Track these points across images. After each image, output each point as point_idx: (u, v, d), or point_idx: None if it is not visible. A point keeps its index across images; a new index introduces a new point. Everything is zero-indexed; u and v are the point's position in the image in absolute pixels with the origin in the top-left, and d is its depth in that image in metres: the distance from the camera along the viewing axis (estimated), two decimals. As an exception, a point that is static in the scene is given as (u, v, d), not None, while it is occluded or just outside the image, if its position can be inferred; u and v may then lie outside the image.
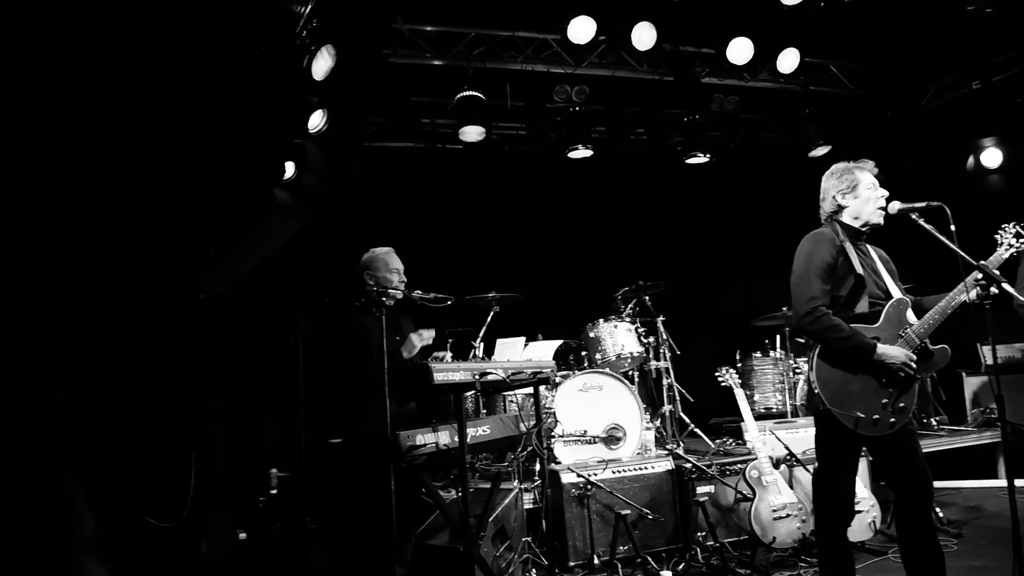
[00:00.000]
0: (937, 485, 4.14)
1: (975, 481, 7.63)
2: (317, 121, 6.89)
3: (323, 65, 6.23)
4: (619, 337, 7.31)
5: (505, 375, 4.54)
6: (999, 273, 3.89)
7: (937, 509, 6.11)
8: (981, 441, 7.67)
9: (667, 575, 5.54)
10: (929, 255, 4.51)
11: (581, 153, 8.84)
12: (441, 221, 9.11)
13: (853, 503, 4.13)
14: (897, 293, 4.13)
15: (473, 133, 8.21)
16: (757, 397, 8.23)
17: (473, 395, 6.61)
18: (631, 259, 9.13)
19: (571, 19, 7.16)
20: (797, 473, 5.96)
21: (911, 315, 4.09)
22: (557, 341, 7.28)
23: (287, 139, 6.91)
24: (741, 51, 7.70)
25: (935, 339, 4.07)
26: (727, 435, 7.83)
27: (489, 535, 4.97)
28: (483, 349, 7.17)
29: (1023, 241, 4.09)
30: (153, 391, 5.42)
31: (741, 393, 6.35)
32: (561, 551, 5.76)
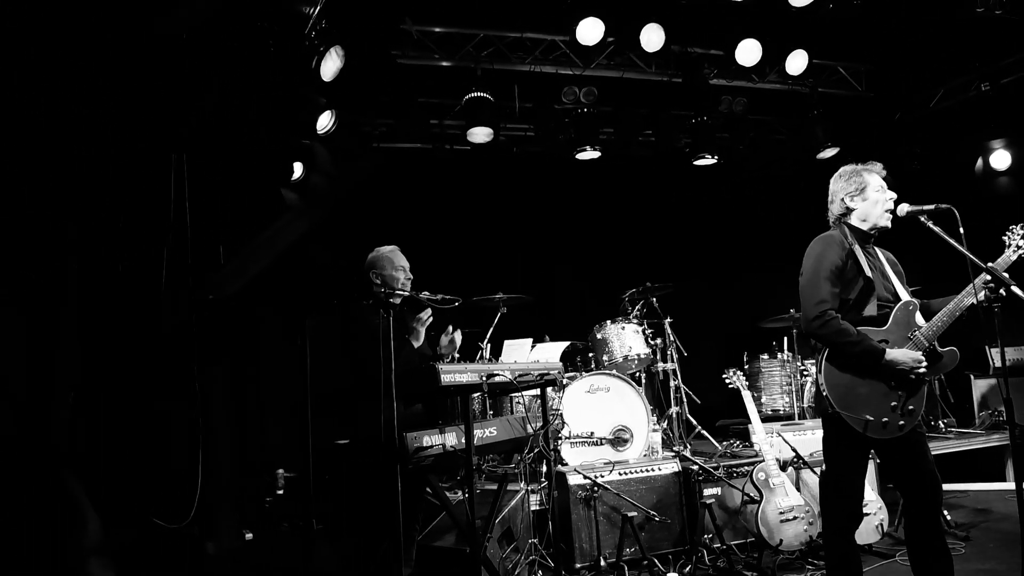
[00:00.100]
0: (945, 488, 4.12)
1: (983, 484, 7.61)
2: (325, 122, 6.91)
3: (332, 66, 6.24)
4: (626, 339, 7.31)
5: (512, 377, 4.54)
6: (1008, 275, 3.88)
7: (945, 512, 6.09)
8: (989, 443, 7.66)
9: (673, 577, 5.56)
10: (938, 257, 4.50)
11: (589, 154, 8.84)
12: (449, 222, 9.12)
13: (861, 506, 4.13)
14: (905, 296, 4.12)
15: (481, 134, 8.23)
16: (764, 399, 8.21)
17: (480, 397, 6.61)
18: (638, 261, 9.12)
19: (580, 20, 7.14)
20: (804, 475, 5.94)
21: (919, 318, 4.08)
22: (564, 343, 7.29)
23: (295, 140, 6.93)
24: (749, 52, 7.69)
25: (944, 341, 4.06)
26: (734, 437, 7.82)
27: (495, 536, 4.97)
28: (490, 350, 7.18)
29: None
30: (160, 392, 5.42)
31: (748, 395, 6.34)
32: (567, 553, 5.75)
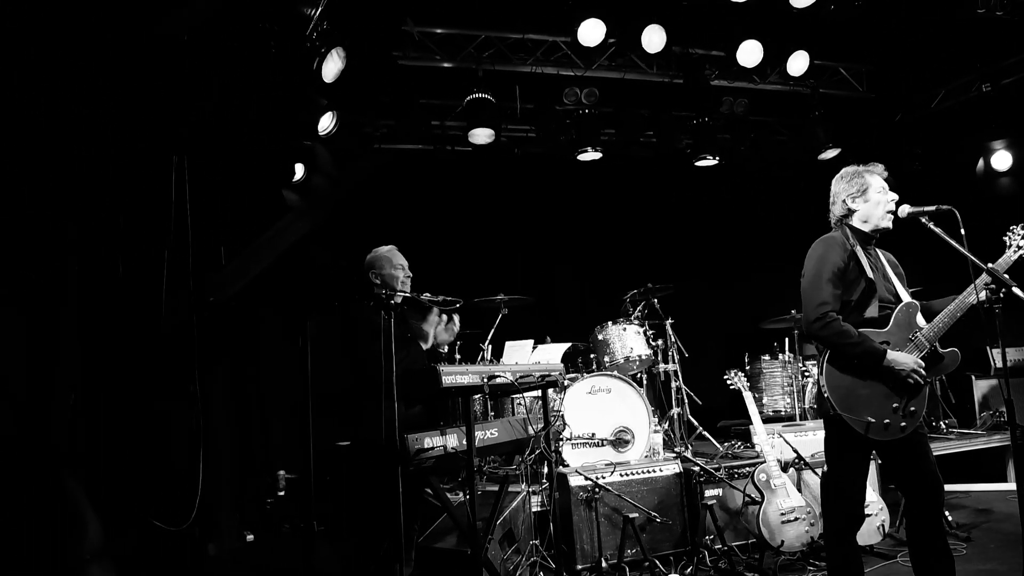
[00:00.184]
0: (947, 488, 4.11)
1: (985, 484, 7.61)
2: (327, 123, 6.92)
3: (333, 67, 6.24)
4: (627, 340, 7.31)
5: (513, 378, 4.53)
6: (1008, 276, 3.89)
7: (947, 512, 6.09)
8: (991, 444, 7.65)
9: (675, 578, 5.56)
10: (939, 258, 4.50)
11: (590, 155, 8.84)
12: (450, 223, 9.13)
13: (863, 507, 4.12)
14: (906, 297, 4.13)
15: (482, 135, 8.24)
16: (765, 400, 8.20)
17: (481, 398, 6.60)
18: (640, 261, 9.12)
19: (581, 22, 7.14)
20: (806, 476, 5.94)
21: (920, 319, 4.08)
22: (565, 344, 7.30)
23: (297, 141, 6.94)
24: (751, 54, 7.69)
25: (945, 342, 4.07)
26: (735, 438, 7.82)
27: (497, 538, 4.97)
28: (491, 351, 7.18)
29: None
30: (160, 392, 5.43)
31: (749, 396, 6.34)
32: (569, 554, 5.75)
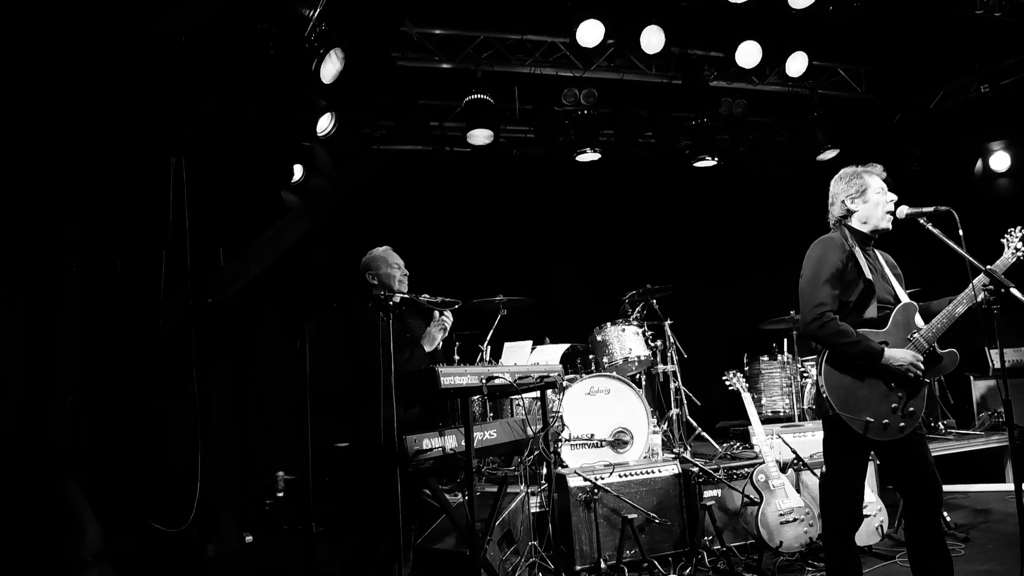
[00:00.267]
0: (945, 489, 4.11)
1: (983, 485, 7.61)
2: (325, 124, 6.91)
3: (332, 68, 6.24)
4: (626, 341, 7.31)
5: (512, 379, 4.53)
6: (1006, 277, 3.89)
7: (945, 513, 6.09)
8: (989, 445, 7.66)
9: (674, 579, 5.56)
10: (937, 259, 4.50)
11: (589, 156, 8.84)
12: (449, 224, 9.14)
13: (861, 508, 4.12)
14: (905, 298, 4.12)
15: (481, 136, 8.24)
16: (764, 400, 8.21)
17: (480, 399, 6.61)
18: (639, 262, 9.13)
19: (580, 22, 7.14)
20: (804, 477, 5.94)
21: (919, 319, 4.08)
22: (564, 345, 7.30)
23: (296, 142, 6.94)
24: (749, 55, 7.69)
25: (943, 343, 4.06)
26: (734, 439, 7.83)
27: (495, 539, 4.97)
28: (490, 352, 7.18)
29: None
30: (160, 393, 5.43)
31: (748, 397, 6.34)
32: (568, 555, 5.75)
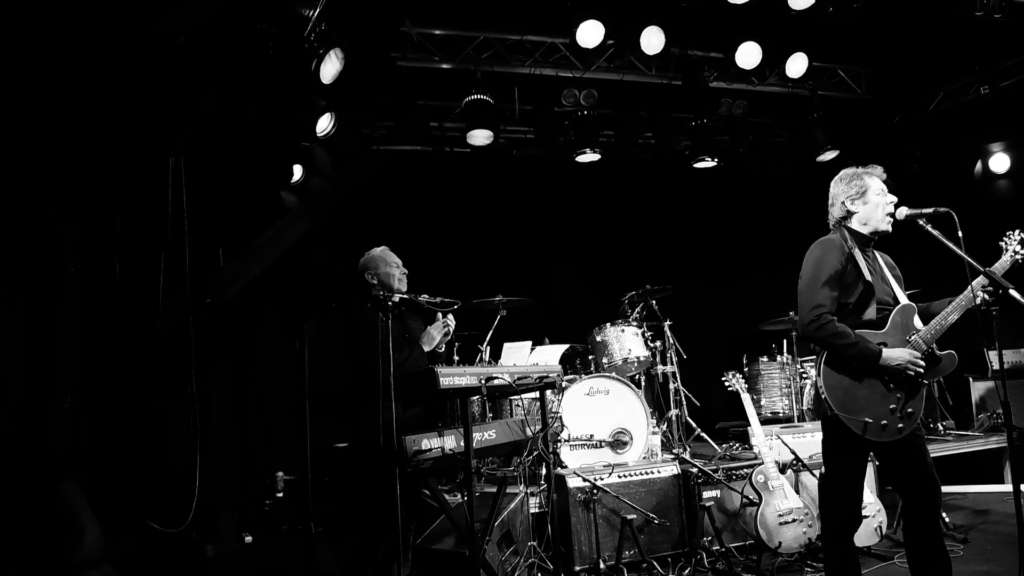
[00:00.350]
0: (944, 490, 4.12)
1: (982, 486, 7.61)
2: (325, 124, 6.91)
3: (331, 68, 6.24)
4: (626, 341, 7.31)
5: (511, 379, 4.54)
6: (1005, 279, 3.89)
7: (944, 514, 6.09)
8: (988, 446, 7.66)
9: (673, 580, 5.56)
10: (937, 260, 4.50)
11: (589, 157, 8.84)
12: (449, 224, 9.13)
13: (860, 509, 4.13)
14: (904, 299, 4.13)
15: (481, 137, 8.24)
16: (764, 401, 8.20)
17: (479, 399, 6.60)
18: (638, 263, 9.14)
19: (580, 23, 7.14)
20: (803, 478, 5.94)
21: (918, 321, 4.08)
22: (564, 345, 7.30)
23: (295, 142, 6.94)
24: (749, 55, 7.69)
25: (942, 344, 4.07)
26: (733, 439, 7.83)
27: (495, 539, 4.97)
28: (490, 353, 7.18)
29: None
30: (160, 393, 5.43)
31: (747, 397, 6.34)
32: (567, 556, 5.74)
